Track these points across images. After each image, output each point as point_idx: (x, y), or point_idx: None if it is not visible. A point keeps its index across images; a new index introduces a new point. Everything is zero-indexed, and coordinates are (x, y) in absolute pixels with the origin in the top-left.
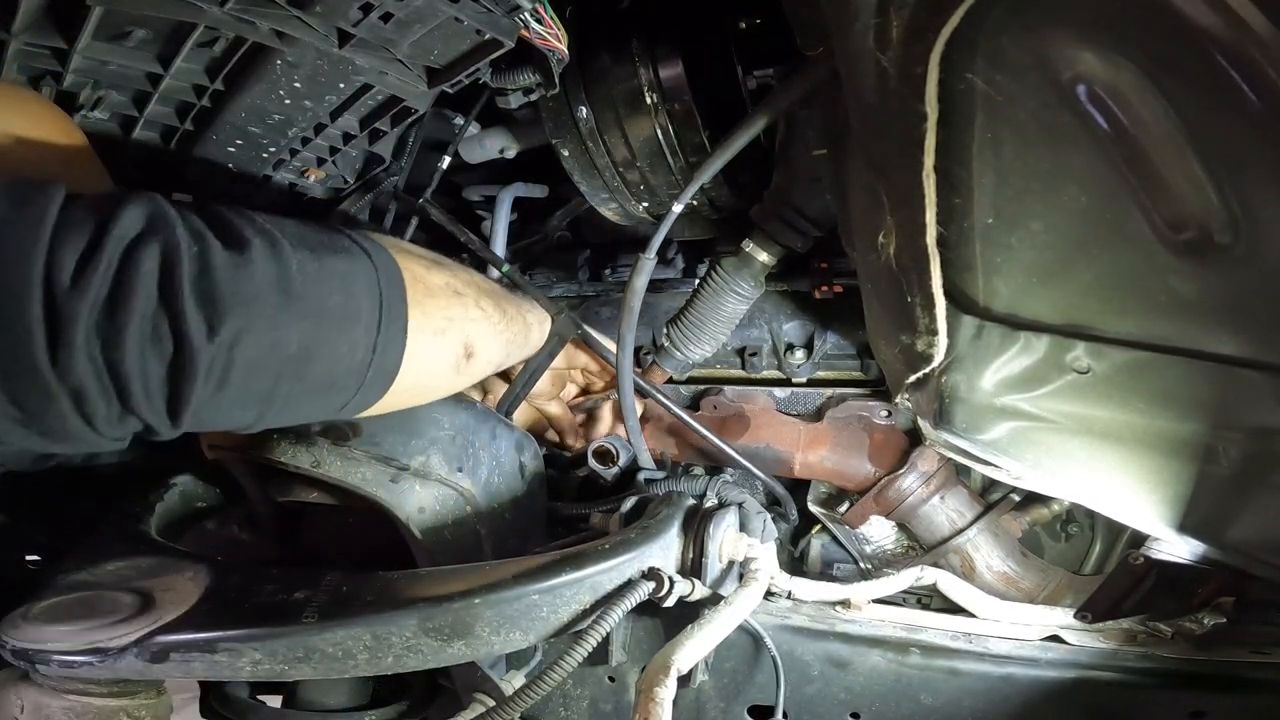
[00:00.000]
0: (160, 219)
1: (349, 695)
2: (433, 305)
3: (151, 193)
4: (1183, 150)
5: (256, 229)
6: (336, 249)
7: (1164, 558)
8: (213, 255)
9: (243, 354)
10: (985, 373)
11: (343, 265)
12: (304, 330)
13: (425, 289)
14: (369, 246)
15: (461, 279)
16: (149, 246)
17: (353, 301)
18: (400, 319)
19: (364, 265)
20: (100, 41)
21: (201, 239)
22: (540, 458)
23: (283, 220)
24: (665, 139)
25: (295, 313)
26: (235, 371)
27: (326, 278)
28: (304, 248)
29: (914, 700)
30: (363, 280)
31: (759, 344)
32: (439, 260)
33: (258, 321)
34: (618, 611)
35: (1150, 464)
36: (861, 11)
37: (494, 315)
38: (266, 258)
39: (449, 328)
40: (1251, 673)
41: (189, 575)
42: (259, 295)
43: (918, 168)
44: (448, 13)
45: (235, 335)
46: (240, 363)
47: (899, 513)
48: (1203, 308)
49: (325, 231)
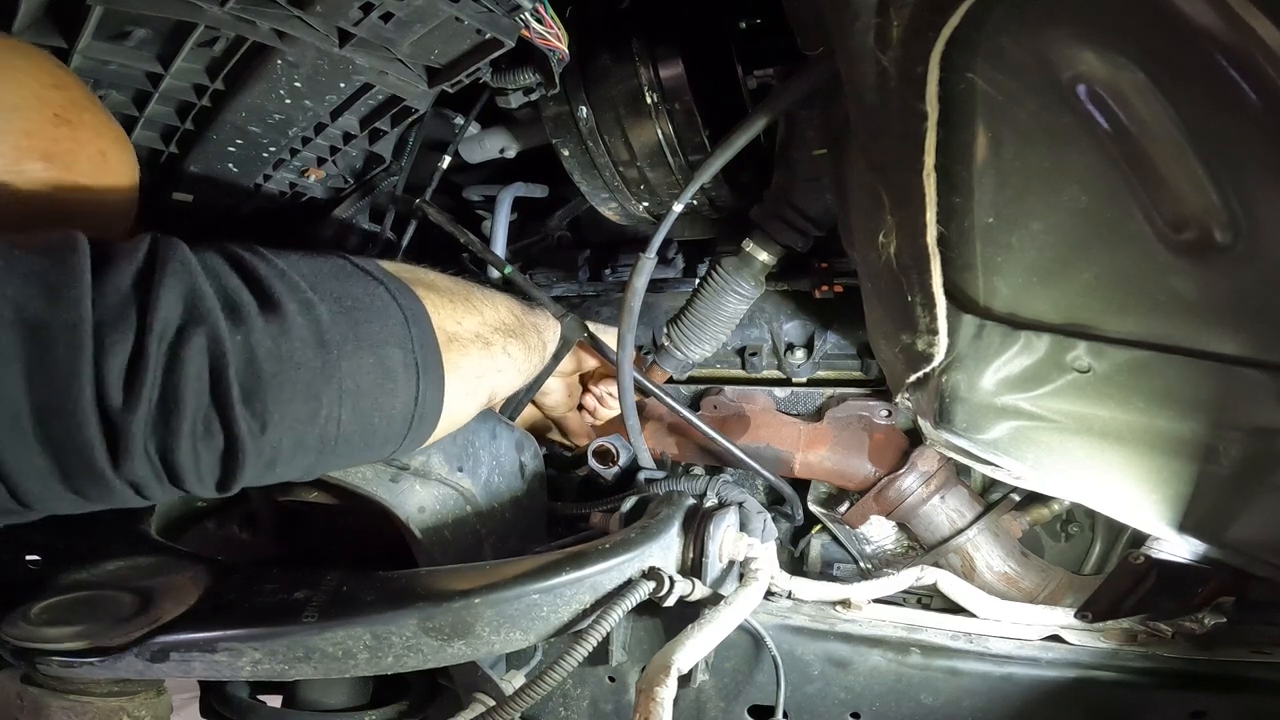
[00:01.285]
0: (198, 298)
1: (349, 695)
2: (466, 365)
3: (178, 248)
4: (1183, 150)
5: (294, 295)
6: (373, 310)
7: (1164, 557)
8: (255, 341)
9: (289, 439)
10: (986, 372)
11: (380, 332)
12: (344, 414)
13: (460, 348)
14: (404, 302)
15: (490, 321)
16: (194, 342)
17: (391, 376)
18: (437, 386)
19: (399, 331)
20: (100, 41)
21: (240, 318)
22: (540, 458)
23: (316, 266)
24: (665, 139)
25: (335, 398)
26: (282, 454)
27: (364, 350)
28: (342, 313)
29: (914, 700)
30: (399, 351)
31: (759, 344)
32: (469, 299)
33: (302, 410)
34: (618, 611)
35: (1151, 463)
36: (862, 11)
37: (519, 357)
38: (308, 340)
39: (479, 386)
40: (1252, 673)
41: (189, 575)
42: (304, 385)
43: (918, 167)
44: (448, 12)
45: (282, 428)
46: (287, 446)
47: (899, 513)
48: (1203, 307)
49: (359, 281)
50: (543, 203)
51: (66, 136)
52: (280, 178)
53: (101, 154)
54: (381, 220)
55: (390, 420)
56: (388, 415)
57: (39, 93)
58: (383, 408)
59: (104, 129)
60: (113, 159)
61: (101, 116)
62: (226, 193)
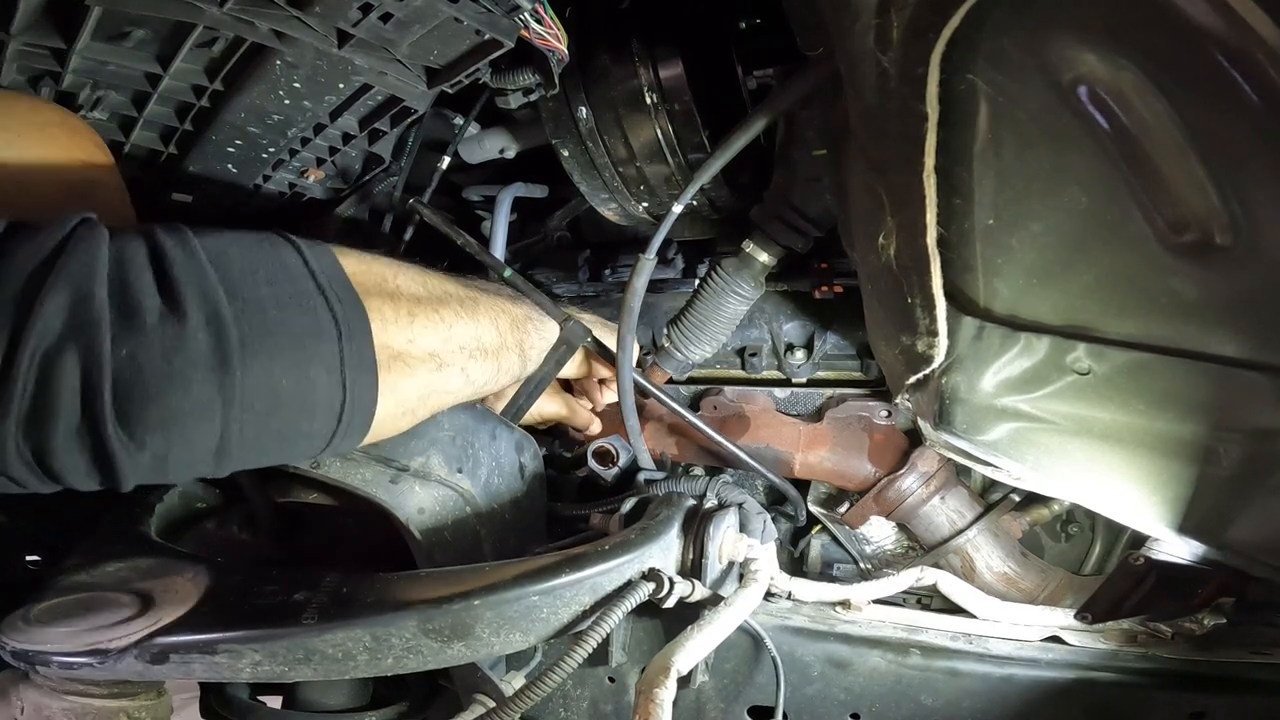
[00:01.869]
0: (86, 308)
1: (349, 696)
2: (408, 385)
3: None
4: (1184, 151)
5: (203, 299)
6: (301, 324)
7: (1164, 558)
8: (143, 358)
9: (176, 453)
10: (985, 374)
11: (302, 349)
12: (247, 431)
13: (404, 368)
14: (344, 315)
15: (457, 339)
16: (68, 357)
17: (310, 395)
18: (367, 406)
19: (329, 347)
20: (99, 42)
21: (133, 327)
22: (540, 458)
23: (251, 264)
24: (665, 139)
25: (235, 418)
26: (170, 465)
27: (279, 368)
28: (259, 325)
29: (914, 701)
30: (323, 370)
31: (759, 344)
32: (438, 312)
33: (193, 431)
34: (618, 612)
35: (1150, 465)
36: (862, 12)
37: (479, 380)
38: (206, 359)
39: (421, 406)
40: (1252, 673)
41: (189, 576)
42: (194, 406)
43: (918, 168)
44: (447, 13)
45: (163, 444)
46: (174, 459)
47: (899, 513)
48: (1203, 309)
49: (297, 291)
50: (543, 203)
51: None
52: (280, 178)
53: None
54: (381, 220)
55: (308, 436)
56: (303, 431)
57: None
58: (296, 424)
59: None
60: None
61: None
62: (226, 193)
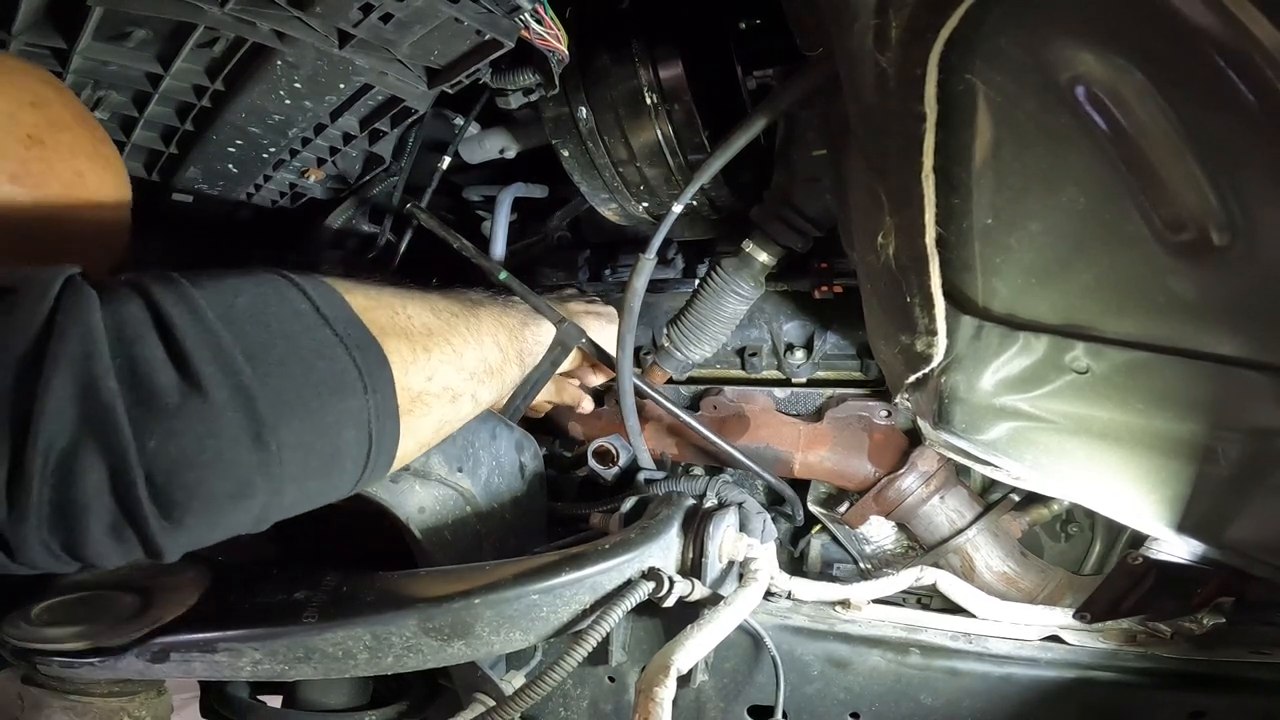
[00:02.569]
0: (96, 395)
1: (349, 695)
2: (425, 425)
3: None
4: (1181, 151)
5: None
6: (328, 384)
7: (1163, 558)
8: (172, 446)
9: (218, 532)
10: (984, 373)
11: (332, 410)
12: (284, 496)
13: (423, 407)
14: (366, 364)
15: (468, 366)
16: (88, 454)
17: (340, 454)
18: (389, 450)
19: (356, 403)
20: (100, 42)
21: (154, 412)
22: (540, 458)
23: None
24: (665, 139)
25: (274, 487)
26: (212, 536)
27: (311, 434)
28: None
29: (914, 700)
30: (352, 428)
31: (759, 344)
32: (449, 341)
33: (234, 509)
34: (618, 612)
35: (1149, 464)
36: (861, 12)
37: (486, 399)
38: (240, 438)
39: (437, 437)
40: (1251, 673)
41: (189, 575)
42: (234, 486)
43: (917, 168)
44: (448, 13)
45: (208, 525)
46: (216, 535)
47: (899, 513)
48: (1201, 308)
49: (317, 344)
50: (543, 203)
51: (37, 157)
52: (280, 178)
53: (78, 174)
54: (381, 221)
55: (335, 488)
56: (332, 484)
57: (12, 112)
58: (327, 479)
59: (81, 148)
60: (91, 179)
61: (82, 135)
62: (226, 193)
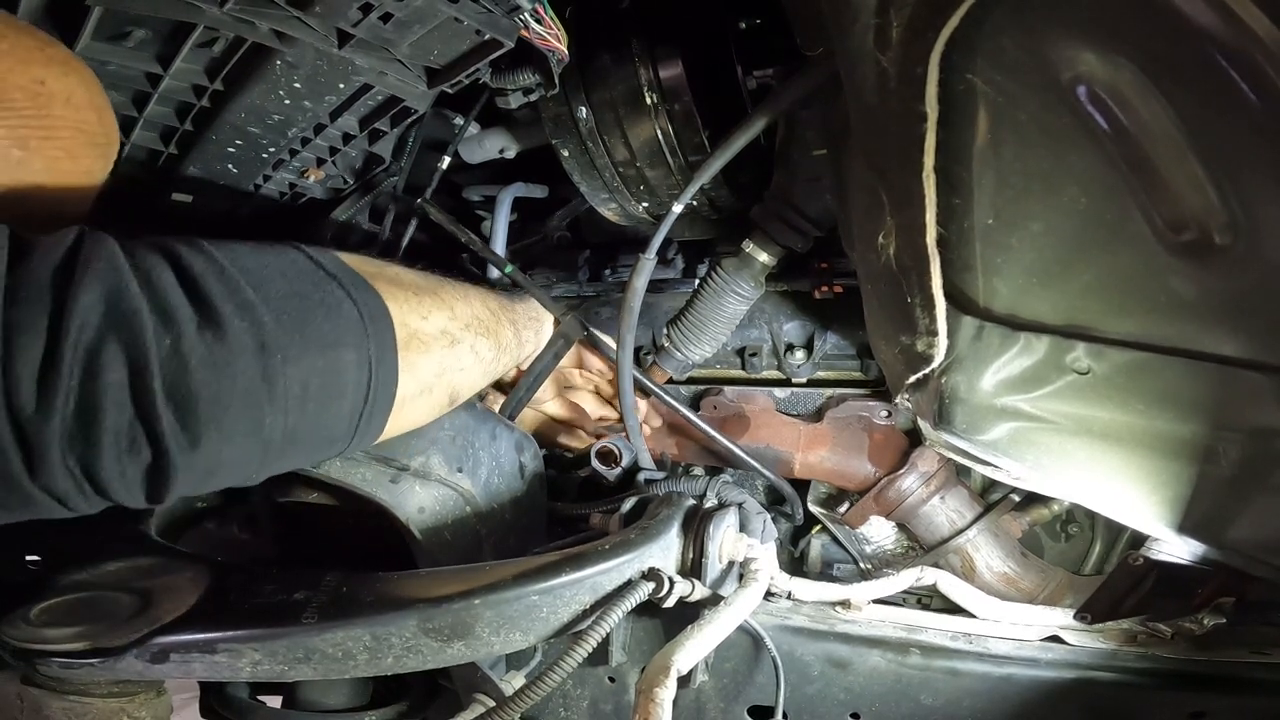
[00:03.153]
0: (122, 298)
1: (349, 695)
2: (425, 363)
3: (105, 244)
4: (1183, 151)
5: (234, 297)
6: (325, 309)
7: (1164, 558)
8: (186, 348)
9: (227, 453)
10: (985, 373)
11: (331, 333)
12: (289, 420)
13: (420, 344)
14: (361, 298)
15: (460, 317)
16: (112, 348)
17: (341, 377)
18: (390, 386)
19: (355, 330)
20: (99, 41)
21: (171, 323)
22: (540, 458)
23: (263, 261)
24: (665, 139)
25: (279, 406)
26: (220, 468)
27: (312, 353)
28: (287, 315)
29: (914, 700)
30: (352, 351)
31: (759, 344)
32: (438, 294)
33: (241, 422)
34: (618, 612)
35: (1150, 464)
36: (861, 12)
37: (487, 356)
38: (247, 346)
39: (437, 384)
40: (1251, 673)
41: (189, 575)
42: (241, 394)
43: (918, 168)
44: (447, 13)
45: (219, 441)
46: (225, 459)
47: (899, 513)
48: (1203, 308)
49: (310, 277)
50: (543, 203)
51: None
52: (280, 178)
53: (38, 82)
54: (381, 220)
55: (337, 420)
56: (335, 416)
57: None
58: (330, 410)
59: (32, 55)
60: (56, 85)
61: (29, 42)
62: (226, 193)
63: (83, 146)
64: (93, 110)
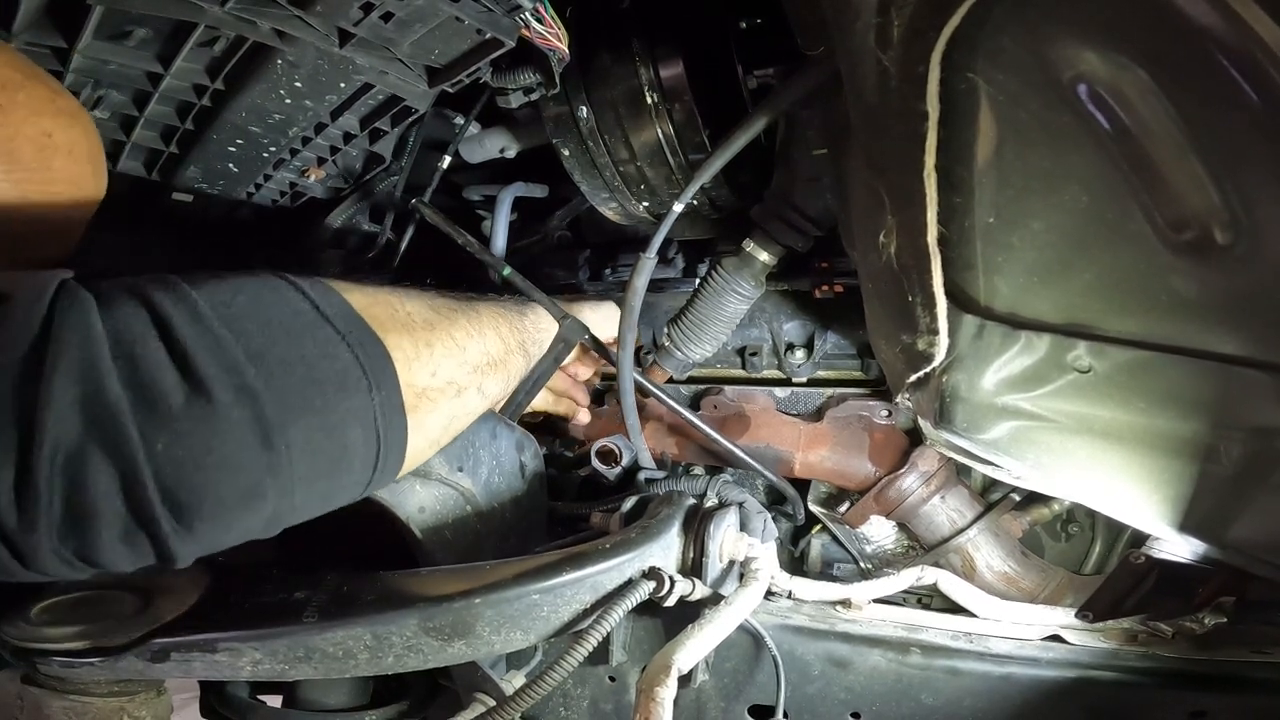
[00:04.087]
0: (100, 399)
1: (349, 695)
2: (432, 420)
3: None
4: (1184, 150)
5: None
6: (333, 383)
7: (1165, 557)
8: (181, 449)
9: (233, 533)
10: (986, 372)
11: (337, 408)
12: (295, 500)
13: (429, 403)
14: (369, 363)
15: (471, 359)
16: (95, 462)
17: (348, 453)
18: (399, 449)
19: (362, 402)
20: (101, 41)
21: (159, 417)
22: (540, 457)
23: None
24: (665, 139)
25: (284, 490)
26: (226, 541)
27: (319, 436)
28: (291, 392)
29: (915, 700)
30: (359, 428)
31: (759, 344)
32: (450, 334)
33: (246, 513)
34: (618, 611)
35: (1151, 463)
36: (862, 11)
37: (494, 392)
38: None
39: (446, 434)
40: (1252, 672)
41: (189, 575)
42: (244, 491)
43: (919, 167)
44: (448, 12)
45: (219, 528)
46: (230, 537)
47: (899, 512)
48: (1204, 307)
49: (315, 337)
50: (543, 203)
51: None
52: (280, 178)
53: (45, 135)
54: (382, 220)
55: (346, 488)
56: (343, 485)
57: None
58: (337, 480)
59: (44, 106)
60: (60, 138)
61: (42, 92)
62: (227, 193)
63: (75, 197)
64: (89, 164)
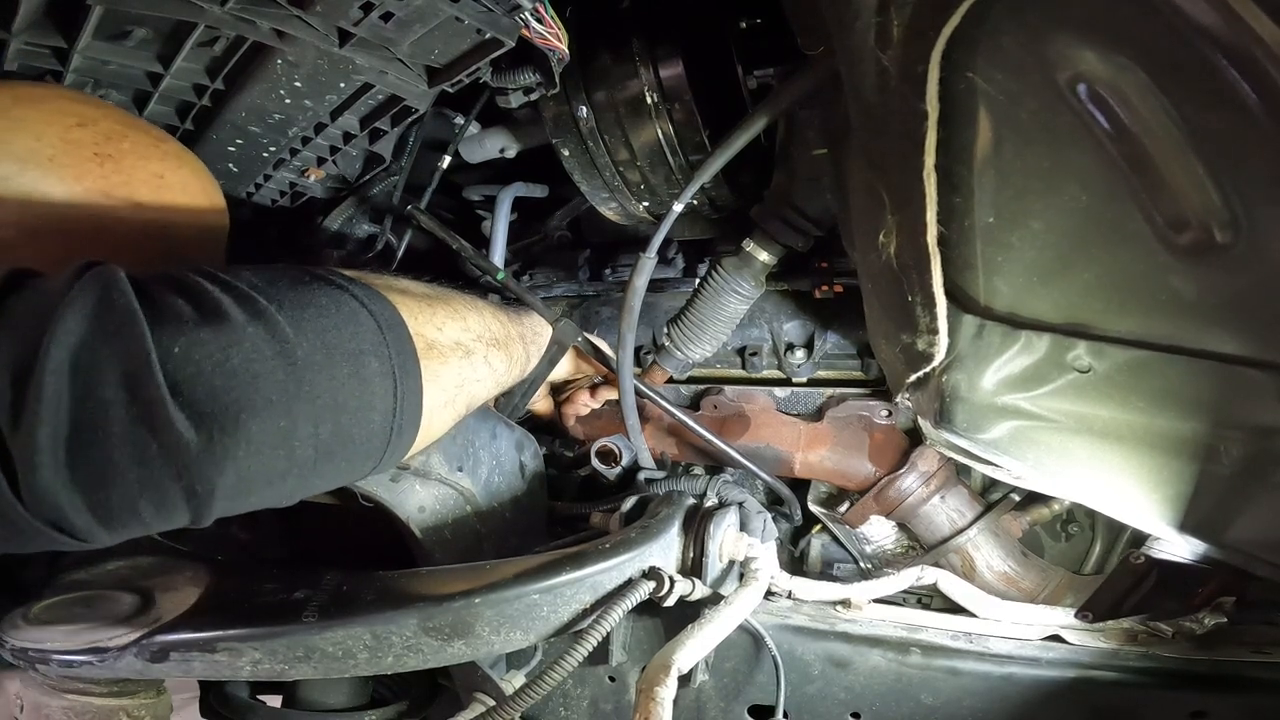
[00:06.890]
0: (109, 305)
1: (349, 695)
2: (446, 374)
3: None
4: (1183, 149)
5: (240, 300)
6: (340, 316)
7: (1165, 557)
8: (197, 353)
9: (257, 467)
10: (986, 372)
11: (351, 340)
12: (320, 432)
13: (439, 356)
14: (375, 307)
15: (474, 329)
16: (101, 357)
17: (368, 386)
18: (416, 395)
19: (373, 338)
20: (101, 41)
21: (175, 327)
22: (540, 457)
23: (269, 276)
24: (666, 139)
25: (308, 413)
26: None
27: (336, 360)
28: (305, 320)
29: (914, 700)
30: (374, 359)
31: (759, 344)
32: (450, 304)
33: (269, 429)
34: (618, 611)
35: (1151, 463)
36: (862, 10)
37: (499, 369)
38: (265, 351)
39: (458, 395)
40: (1252, 672)
41: (189, 575)
42: (262, 396)
43: (918, 167)
44: (448, 12)
45: (245, 451)
46: (254, 474)
47: (899, 512)
48: (1203, 307)
49: (320, 287)
50: (543, 203)
51: (113, 171)
52: (280, 177)
53: (158, 176)
54: (381, 221)
55: (370, 435)
56: (367, 429)
57: (68, 138)
58: (361, 421)
59: (150, 151)
60: (171, 178)
61: (141, 139)
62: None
63: (199, 225)
64: (205, 197)
